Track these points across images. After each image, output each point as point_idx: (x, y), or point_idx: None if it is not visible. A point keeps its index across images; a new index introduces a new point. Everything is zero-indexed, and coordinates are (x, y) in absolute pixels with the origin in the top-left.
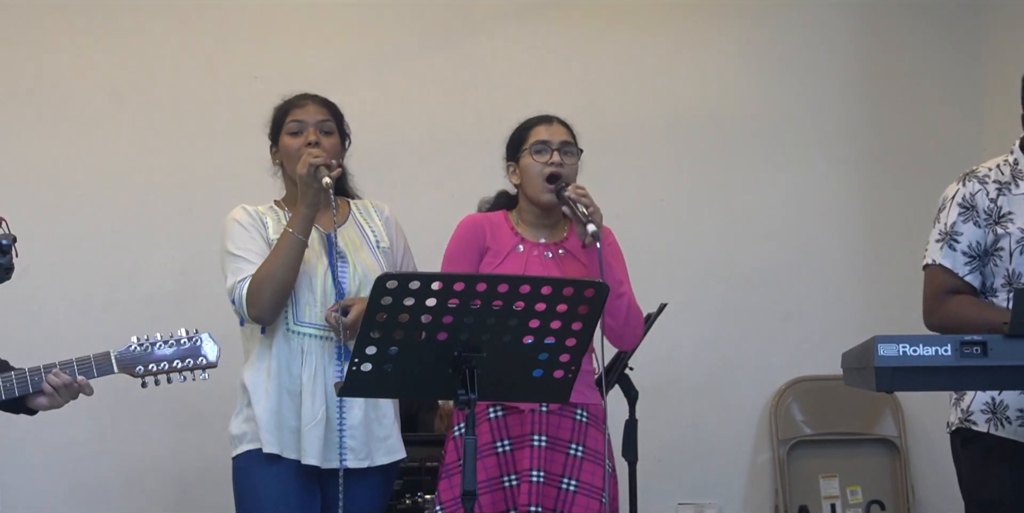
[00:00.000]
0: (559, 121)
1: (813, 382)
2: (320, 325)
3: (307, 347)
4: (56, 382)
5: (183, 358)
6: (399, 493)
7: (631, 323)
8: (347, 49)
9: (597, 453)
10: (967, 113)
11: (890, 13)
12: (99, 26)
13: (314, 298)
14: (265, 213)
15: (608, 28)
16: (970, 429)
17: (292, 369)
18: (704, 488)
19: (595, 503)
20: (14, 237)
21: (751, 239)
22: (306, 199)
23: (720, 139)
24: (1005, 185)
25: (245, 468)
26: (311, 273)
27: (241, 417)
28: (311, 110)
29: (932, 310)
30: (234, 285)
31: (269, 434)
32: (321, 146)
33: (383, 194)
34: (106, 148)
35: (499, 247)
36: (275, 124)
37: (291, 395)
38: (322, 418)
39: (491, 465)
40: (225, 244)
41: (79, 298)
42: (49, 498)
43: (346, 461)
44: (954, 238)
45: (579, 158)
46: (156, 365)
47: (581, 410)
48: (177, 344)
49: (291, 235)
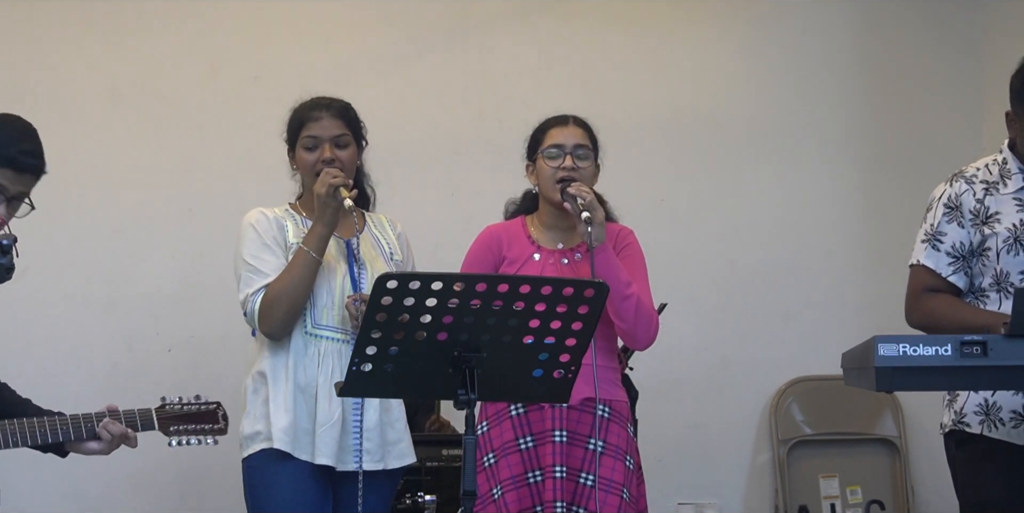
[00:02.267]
0: (575, 122)
1: (813, 382)
2: (337, 328)
3: (324, 350)
4: (115, 431)
5: (203, 423)
6: (399, 493)
7: (641, 324)
8: (347, 49)
9: (618, 449)
10: (967, 113)
11: (890, 13)
12: (100, 26)
13: (332, 301)
14: (284, 217)
15: (608, 28)
16: (964, 431)
17: (308, 371)
18: (704, 488)
19: (614, 498)
20: (14, 237)
21: (751, 239)
22: (323, 218)
23: (720, 139)
24: (993, 185)
25: (260, 467)
26: (330, 278)
27: (253, 417)
28: (326, 124)
29: (911, 309)
30: (247, 298)
31: (284, 433)
32: (338, 161)
33: (383, 194)
34: (106, 148)
35: (515, 256)
36: (291, 134)
37: (306, 397)
38: (338, 420)
39: (515, 462)
40: (239, 250)
41: (79, 298)
42: (49, 498)
43: (360, 463)
44: (938, 238)
45: (596, 160)
46: (185, 426)
47: (604, 406)
48: (197, 408)
49: (306, 253)
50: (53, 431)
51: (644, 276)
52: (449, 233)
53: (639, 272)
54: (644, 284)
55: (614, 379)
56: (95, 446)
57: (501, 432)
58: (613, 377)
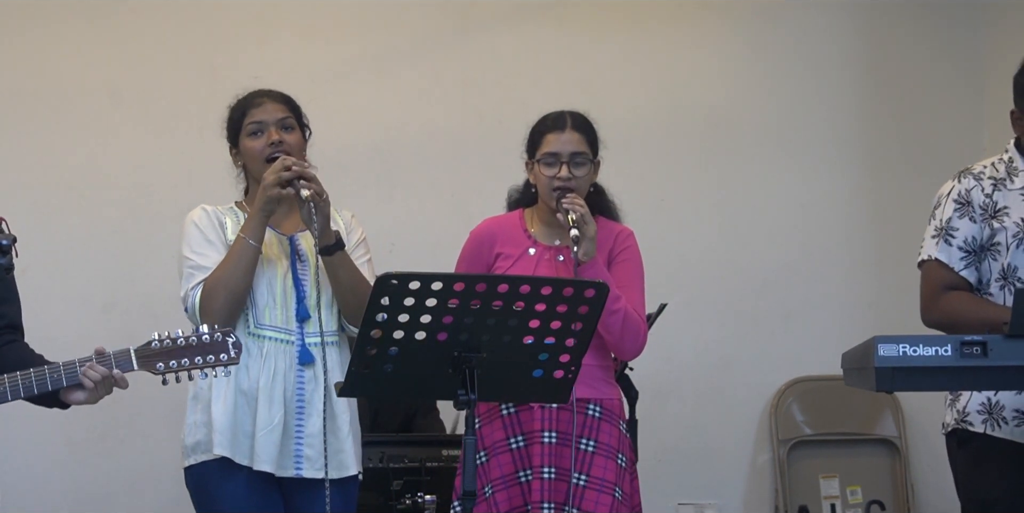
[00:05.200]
0: (573, 126)
1: (813, 382)
2: (281, 328)
3: (267, 350)
4: (94, 376)
5: (204, 354)
6: (399, 493)
7: (628, 337)
8: (347, 49)
9: (610, 448)
10: (968, 114)
11: (891, 14)
12: (99, 26)
13: (274, 300)
14: (224, 213)
15: (608, 28)
16: (966, 430)
17: (251, 372)
18: (704, 488)
19: (606, 497)
20: (14, 237)
21: (751, 239)
22: (260, 204)
23: (720, 139)
24: (1000, 181)
25: (201, 478)
26: (271, 275)
27: (193, 426)
28: (269, 108)
29: (929, 307)
30: (187, 293)
31: (222, 436)
32: (285, 143)
33: (383, 194)
34: (106, 148)
35: (510, 251)
36: (232, 125)
37: (247, 399)
38: (279, 423)
39: (506, 461)
40: (181, 247)
41: (79, 298)
42: (49, 498)
43: (301, 470)
44: (950, 233)
45: (594, 165)
46: (177, 361)
47: (594, 405)
48: (199, 339)
49: (244, 241)
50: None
51: (638, 283)
52: (449, 233)
53: (634, 279)
54: (638, 291)
55: (606, 377)
56: (80, 396)
57: (492, 431)
58: (604, 375)
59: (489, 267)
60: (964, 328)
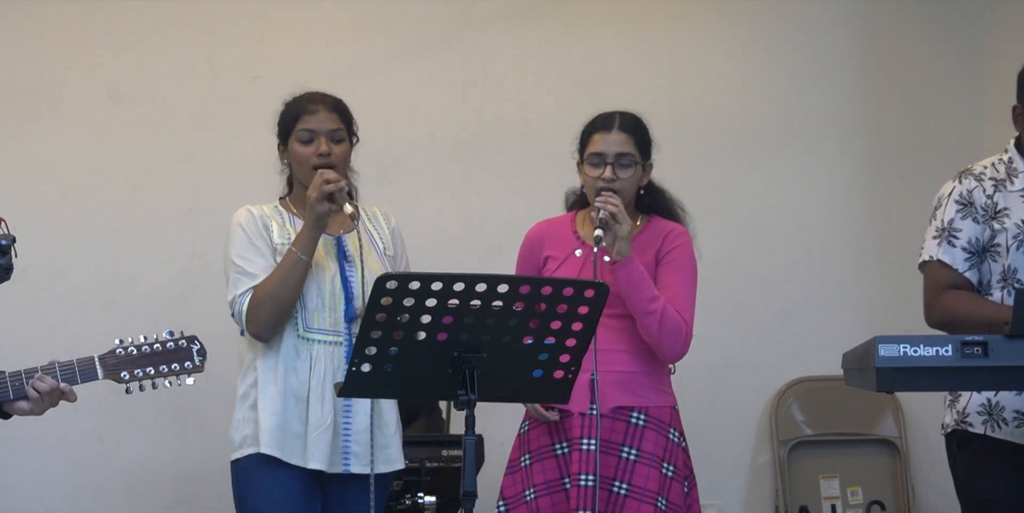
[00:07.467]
0: (620, 126)
1: (813, 382)
2: (330, 331)
3: (316, 353)
4: (41, 388)
5: (169, 363)
6: (399, 494)
7: (666, 339)
8: (347, 49)
9: (654, 456)
10: (968, 114)
11: (891, 14)
12: (99, 26)
13: (323, 303)
14: (270, 216)
15: (608, 28)
16: (966, 431)
17: (300, 374)
18: (704, 488)
19: (648, 507)
20: (14, 237)
21: (751, 239)
22: (311, 221)
23: (720, 139)
24: (1001, 182)
25: (248, 471)
26: (320, 279)
27: (241, 421)
28: (322, 118)
29: (931, 306)
30: (235, 299)
31: (271, 437)
32: (333, 155)
33: (383, 194)
34: (106, 148)
35: (558, 253)
36: (284, 126)
37: (297, 400)
38: (330, 424)
39: (550, 467)
40: (228, 250)
41: (79, 298)
42: (48, 499)
43: (349, 466)
44: (953, 234)
45: (643, 167)
46: (142, 370)
47: (638, 413)
48: (163, 346)
49: (295, 255)
50: None
51: (684, 283)
52: (449, 233)
53: (680, 279)
54: (683, 292)
55: (653, 384)
56: (24, 406)
57: (538, 435)
58: (650, 382)
59: (539, 270)
60: (965, 328)
